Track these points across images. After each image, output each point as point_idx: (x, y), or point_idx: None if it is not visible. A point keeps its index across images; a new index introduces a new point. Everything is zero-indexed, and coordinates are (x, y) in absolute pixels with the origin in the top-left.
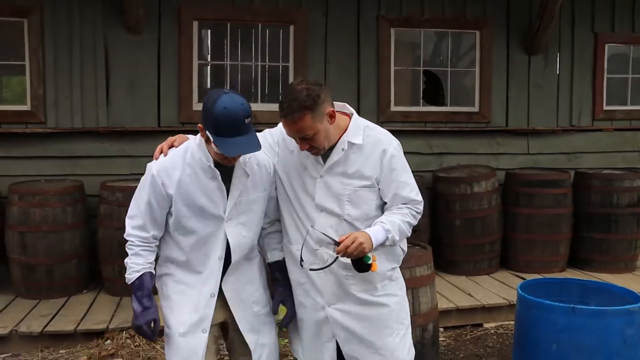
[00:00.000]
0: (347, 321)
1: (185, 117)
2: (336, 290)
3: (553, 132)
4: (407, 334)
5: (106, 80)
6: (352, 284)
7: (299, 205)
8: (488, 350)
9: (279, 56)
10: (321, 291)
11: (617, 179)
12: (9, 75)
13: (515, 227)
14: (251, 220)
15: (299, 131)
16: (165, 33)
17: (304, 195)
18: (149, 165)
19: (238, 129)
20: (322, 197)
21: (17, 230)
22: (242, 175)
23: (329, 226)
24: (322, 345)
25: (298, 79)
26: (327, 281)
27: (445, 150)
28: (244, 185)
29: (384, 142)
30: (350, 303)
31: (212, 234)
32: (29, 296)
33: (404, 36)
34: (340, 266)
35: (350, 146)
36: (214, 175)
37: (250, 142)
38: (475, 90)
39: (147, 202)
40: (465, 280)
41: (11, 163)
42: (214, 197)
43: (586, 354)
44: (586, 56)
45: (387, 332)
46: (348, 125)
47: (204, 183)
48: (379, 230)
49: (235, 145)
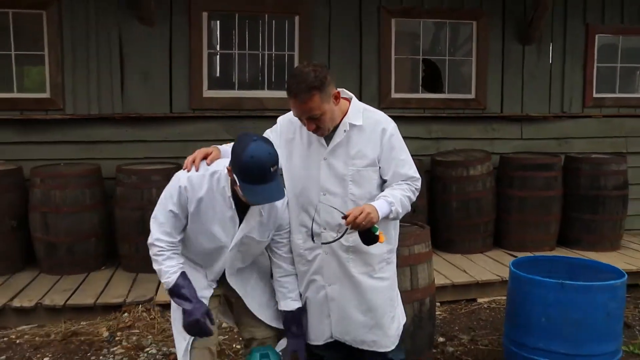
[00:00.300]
0: (344, 300)
1: (195, 103)
2: (337, 271)
3: (545, 118)
4: (396, 315)
5: (121, 69)
6: (352, 266)
7: (304, 190)
8: (481, 323)
9: (285, 45)
10: (323, 272)
11: (604, 163)
12: (29, 66)
13: (508, 208)
14: (249, 254)
15: (307, 111)
16: (176, 24)
17: (308, 180)
18: (178, 175)
19: (263, 177)
20: (326, 179)
21: (40, 211)
22: (257, 214)
23: (335, 207)
24: (324, 322)
25: (304, 62)
26: (328, 263)
27: (443, 135)
28: (255, 222)
29: (382, 122)
30: (349, 283)
31: (214, 252)
32: (51, 272)
33: (404, 26)
34: (341, 249)
35: (351, 127)
36: (231, 205)
37: (274, 190)
38: (472, 78)
39: (171, 210)
40: (461, 258)
41: (33, 148)
42: (226, 227)
43: (573, 326)
44: (577, 46)
45: (381, 312)
46: (348, 109)
47: (220, 210)
48: (383, 204)
49: (259, 194)
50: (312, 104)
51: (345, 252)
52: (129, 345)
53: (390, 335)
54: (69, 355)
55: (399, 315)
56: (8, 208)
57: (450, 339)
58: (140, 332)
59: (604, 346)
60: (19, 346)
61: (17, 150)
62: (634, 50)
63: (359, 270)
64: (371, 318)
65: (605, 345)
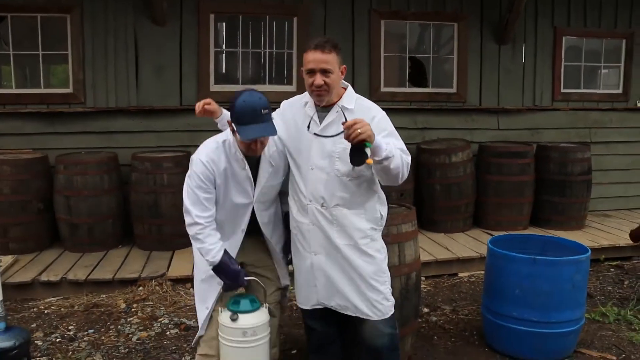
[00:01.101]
0: (329, 269)
1: (203, 96)
2: (322, 241)
3: (519, 110)
4: (382, 290)
5: (136, 65)
6: (337, 237)
7: (295, 165)
8: (462, 295)
9: (284, 44)
10: (309, 241)
11: (571, 151)
12: (55, 64)
13: (486, 191)
14: (270, 199)
15: (325, 62)
16: (186, 24)
17: (299, 156)
18: (197, 156)
19: (255, 117)
20: (315, 155)
21: (63, 194)
22: (268, 165)
23: (319, 182)
24: (311, 289)
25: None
26: (315, 233)
27: (427, 126)
28: (269, 173)
29: (373, 110)
30: (334, 253)
31: (239, 216)
32: (74, 250)
33: (392, 27)
34: (325, 220)
35: (343, 109)
36: (244, 165)
37: (266, 128)
38: (454, 74)
39: (200, 186)
40: (443, 236)
41: (57, 137)
42: (244, 186)
43: (543, 297)
44: (547, 46)
45: (364, 281)
46: (343, 94)
47: (237, 173)
48: (379, 139)
49: (252, 131)
50: (330, 57)
51: (330, 223)
52: (144, 315)
53: (374, 304)
54: (90, 324)
55: (385, 292)
56: (36, 192)
57: (434, 309)
58: (153, 304)
59: (570, 314)
60: (47, 316)
61: (44, 139)
62: (596, 51)
63: (343, 242)
64: (355, 286)
65: (571, 313)
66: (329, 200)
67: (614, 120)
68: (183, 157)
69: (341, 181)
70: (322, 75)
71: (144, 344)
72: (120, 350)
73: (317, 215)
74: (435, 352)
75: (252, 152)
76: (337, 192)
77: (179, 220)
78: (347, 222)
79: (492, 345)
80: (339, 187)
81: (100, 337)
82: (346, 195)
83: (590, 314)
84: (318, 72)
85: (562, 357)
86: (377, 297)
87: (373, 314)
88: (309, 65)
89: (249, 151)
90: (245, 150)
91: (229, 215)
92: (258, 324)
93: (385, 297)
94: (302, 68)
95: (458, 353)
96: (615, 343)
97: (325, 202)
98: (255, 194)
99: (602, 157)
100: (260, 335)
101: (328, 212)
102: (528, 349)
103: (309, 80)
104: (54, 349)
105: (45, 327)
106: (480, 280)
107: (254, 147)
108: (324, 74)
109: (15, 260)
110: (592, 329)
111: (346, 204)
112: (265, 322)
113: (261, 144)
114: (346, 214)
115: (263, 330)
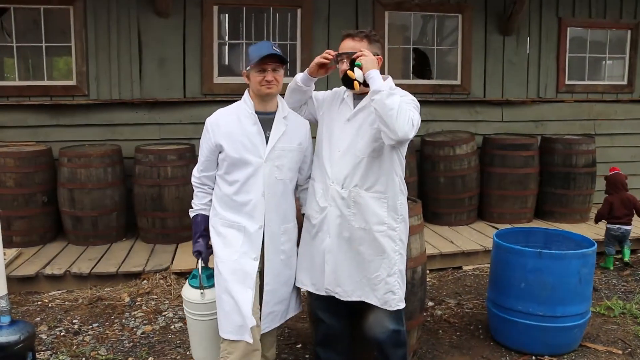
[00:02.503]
0: (338, 253)
1: (207, 89)
2: (338, 224)
3: (523, 102)
4: (391, 283)
5: (139, 57)
6: (353, 220)
7: (326, 147)
8: (466, 288)
9: (288, 36)
10: (324, 224)
11: (575, 143)
12: (58, 56)
13: (490, 184)
14: (284, 164)
15: (351, 48)
16: (189, 16)
17: (331, 139)
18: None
19: (267, 48)
20: (344, 138)
21: (67, 187)
22: (281, 124)
23: (344, 163)
24: (317, 272)
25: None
26: (332, 216)
27: (431, 118)
28: (282, 132)
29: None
30: (347, 236)
31: (251, 176)
32: (78, 243)
33: (396, 19)
34: (343, 202)
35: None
36: (255, 121)
37: (277, 53)
38: (458, 66)
39: (204, 146)
40: (448, 229)
41: (61, 130)
42: (254, 140)
43: (549, 290)
44: (551, 37)
45: (373, 269)
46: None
47: (246, 128)
48: (375, 74)
49: (264, 49)
50: (358, 45)
51: (346, 206)
52: (148, 309)
53: (378, 293)
54: (95, 318)
55: (392, 284)
56: (40, 185)
57: (439, 303)
58: (158, 298)
59: (575, 308)
60: (51, 309)
61: (48, 132)
62: (600, 42)
63: (358, 225)
64: (362, 271)
65: (576, 307)
66: (349, 181)
67: (619, 112)
68: (187, 149)
69: (362, 161)
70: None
71: (148, 338)
72: (124, 344)
73: (336, 197)
74: (440, 346)
75: (265, 89)
76: (358, 172)
77: (183, 213)
78: (364, 204)
79: (497, 339)
80: (361, 168)
81: (104, 331)
82: (367, 175)
83: (596, 308)
84: (345, 58)
85: (568, 351)
86: (383, 287)
87: (377, 300)
88: (340, 51)
89: (260, 89)
90: (255, 88)
91: (243, 175)
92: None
93: (391, 290)
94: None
95: (463, 347)
96: (621, 337)
97: (346, 182)
98: (267, 152)
99: (606, 149)
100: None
101: (347, 192)
102: (533, 342)
103: (341, 68)
104: (58, 343)
105: (50, 321)
106: (484, 273)
107: (265, 84)
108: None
109: (19, 254)
110: (598, 323)
111: (365, 186)
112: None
113: (275, 80)
114: (364, 196)
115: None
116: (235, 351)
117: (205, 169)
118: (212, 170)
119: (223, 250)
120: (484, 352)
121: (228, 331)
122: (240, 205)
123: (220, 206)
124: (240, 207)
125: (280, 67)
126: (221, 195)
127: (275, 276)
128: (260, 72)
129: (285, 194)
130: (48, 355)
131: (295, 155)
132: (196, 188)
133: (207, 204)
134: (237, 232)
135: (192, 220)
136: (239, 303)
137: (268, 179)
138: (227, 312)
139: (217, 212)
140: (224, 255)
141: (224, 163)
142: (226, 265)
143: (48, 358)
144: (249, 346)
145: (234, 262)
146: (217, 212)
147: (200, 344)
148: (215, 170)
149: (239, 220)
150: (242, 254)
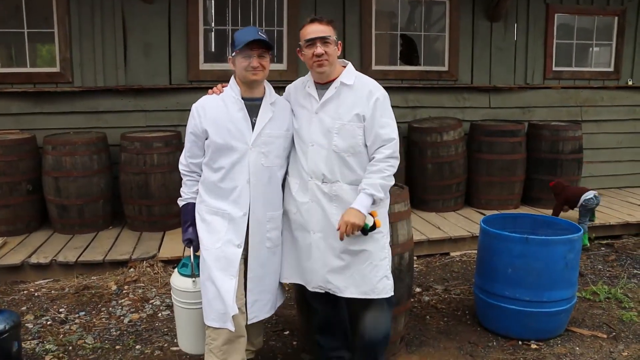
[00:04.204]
0: (326, 249)
1: (193, 75)
2: (321, 219)
3: (510, 89)
4: (379, 269)
5: (124, 44)
6: (335, 214)
7: (297, 142)
8: (454, 274)
9: (274, 22)
10: (308, 220)
11: (562, 130)
12: (41, 43)
13: (477, 170)
14: (271, 151)
15: (324, 31)
16: (175, 2)
17: (301, 133)
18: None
19: (252, 33)
20: (314, 131)
21: (52, 176)
22: (268, 110)
23: (319, 158)
24: (302, 267)
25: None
26: (314, 212)
27: (419, 104)
28: (269, 118)
29: (373, 89)
30: (330, 232)
31: (237, 162)
32: (64, 231)
33: (383, 5)
34: (325, 197)
35: (342, 85)
36: (241, 107)
37: (263, 38)
38: (445, 52)
39: (190, 132)
40: (435, 215)
41: (45, 118)
42: (240, 127)
43: (535, 276)
44: (539, 24)
45: (357, 261)
46: (342, 72)
47: (232, 114)
48: (363, 198)
49: (249, 35)
50: (328, 29)
51: (329, 200)
52: (135, 297)
53: (372, 281)
54: (81, 307)
55: (385, 269)
56: (24, 173)
57: (426, 289)
58: (145, 286)
59: (562, 293)
60: (37, 298)
61: (31, 120)
62: (587, 28)
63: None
64: (352, 263)
65: (563, 292)
66: (329, 176)
67: (605, 99)
68: (173, 136)
69: (340, 157)
70: (322, 45)
71: (135, 326)
72: (111, 333)
73: (316, 192)
74: (427, 331)
75: (251, 75)
76: (336, 167)
77: (169, 201)
78: (346, 197)
79: (484, 324)
80: (338, 163)
81: (91, 320)
82: (346, 170)
83: (581, 293)
84: (318, 42)
85: (554, 335)
86: (376, 274)
87: (372, 292)
88: (308, 35)
89: (246, 76)
90: (243, 78)
91: (229, 162)
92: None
93: (385, 275)
94: (299, 46)
95: (450, 332)
96: (606, 321)
97: (326, 177)
98: (253, 138)
99: (592, 135)
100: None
101: (328, 187)
102: (520, 327)
103: (308, 53)
104: (44, 332)
105: (36, 310)
106: (471, 259)
107: (251, 70)
108: (323, 44)
109: (4, 243)
110: (583, 308)
111: (346, 180)
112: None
113: (261, 66)
114: (346, 189)
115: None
116: (218, 337)
117: (192, 155)
118: (199, 157)
119: (207, 238)
120: (471, 338)
121: (211, 318)
122: (226, 192)
123: (206, 193)
124: (226, 194)
125: (267, 53)
126: (207, 182)
127: (261, 264)
128: (246, 57)
129: (272, 181)
130: (34, 345)
131: (283, 142)
132: (184, 176)
133: (196, 192)
134: (221, 219)
135: (181, 209)
136: (221, 291)
137: (254, 166)
138: (209, 299)
139: (203, 199)
140: (209, 243)
141: (209, 149)
142: (210, 253)
143: (34, 347)
144: (233, 333)
145: (217, 250)
146: (202, 199)
147: (187, 332)
148: (202, 157)
149: (225, 207)
150: (226, 242)
